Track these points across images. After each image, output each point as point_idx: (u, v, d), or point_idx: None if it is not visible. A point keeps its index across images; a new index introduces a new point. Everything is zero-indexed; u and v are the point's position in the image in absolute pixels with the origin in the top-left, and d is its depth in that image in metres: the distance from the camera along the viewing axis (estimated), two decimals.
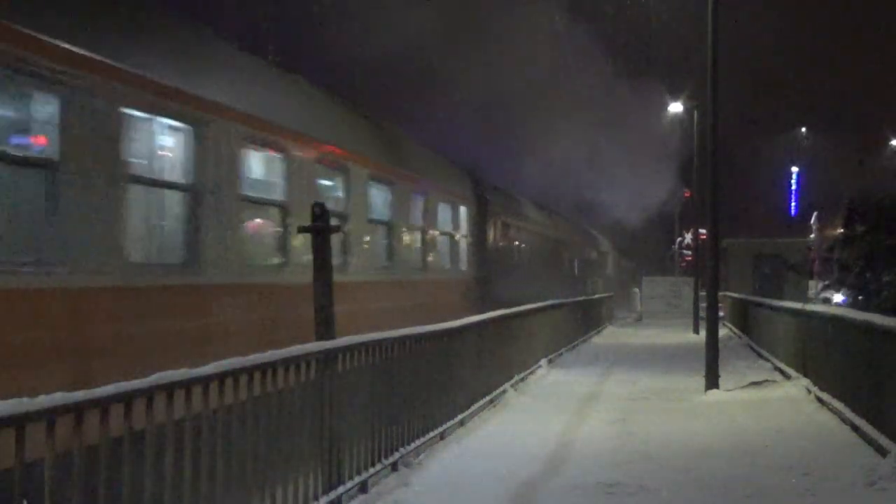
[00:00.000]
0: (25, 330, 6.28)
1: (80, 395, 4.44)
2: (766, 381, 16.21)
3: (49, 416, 4.19)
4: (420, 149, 17.87)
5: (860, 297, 15.43)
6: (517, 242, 25.49)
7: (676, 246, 60.45)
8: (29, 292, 6.33)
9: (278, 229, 10.27)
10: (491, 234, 21.12)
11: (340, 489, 7.51)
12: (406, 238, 14.89)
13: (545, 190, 51.29)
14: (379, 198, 13.78)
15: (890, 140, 58.82)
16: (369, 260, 12.94)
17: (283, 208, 10.22)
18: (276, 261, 10.25)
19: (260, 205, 10.14)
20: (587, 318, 28.40)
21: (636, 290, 42.84)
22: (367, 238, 12.89)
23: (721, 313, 23.84)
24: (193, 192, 8.44)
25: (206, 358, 5.93)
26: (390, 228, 14.11)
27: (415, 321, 10.56)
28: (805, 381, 14.42)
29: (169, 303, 7.97)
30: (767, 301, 21.82)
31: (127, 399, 4.75)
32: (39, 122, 6.84)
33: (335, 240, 9.24)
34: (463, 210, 18.72)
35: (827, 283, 18.62)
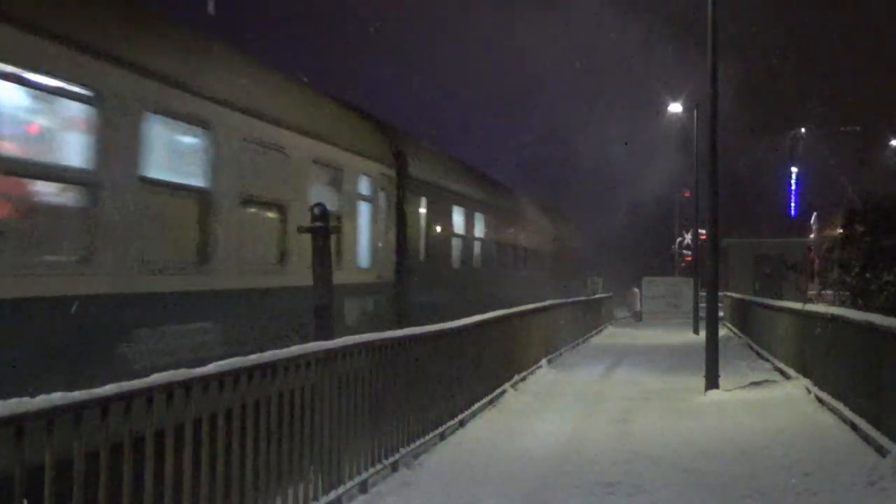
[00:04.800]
0: None
1: (80, 394, 4.44)
2: (766, 381, 16.22)
3: (49, 416, 4.19)
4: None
5: (858, 300, 15.43)
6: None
7: (676, 246, 60.44)
8: None
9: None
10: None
11: (340, 489, 7.51)
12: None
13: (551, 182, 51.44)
14: None
15: (890, 140, 58.82)
16: None
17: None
18: None
19: None
20: (587, 318, 28.41)
21: (635, 289, 42.80)
22: None
23: (721, 313, 23.86)
24: None
25: None
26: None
27: None
28: (805, 381, 14.42)
29: None
30: (767, 301, 21.82)
31: (127, 399, 4.76)
32: None
33: None
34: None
35: (827, 282, 18.62)
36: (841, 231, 17.84)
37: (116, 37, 7.74)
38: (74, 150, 7.16)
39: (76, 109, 7.15)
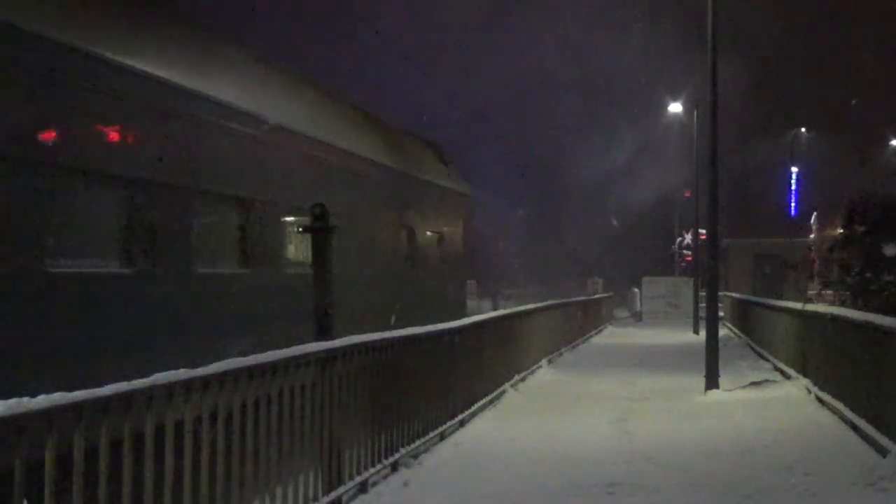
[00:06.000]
0: None
1: (80, 394, 4.44)
2: (766, 381, 16.21)
3: (49, 416, 4.19)
4: None
5: (859, 300, 15.45)
6: None
7: (676, 246, 60.41)
8: None
9: None
10: None
11: (340, 489, 7.51)
12: None
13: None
14: None
15: (890, 140, 58.82)
16: None
17: None
18: None
19: None
20: (587, 318, 28.41)
21: (635, 289, 42.81)
22: None
23: (721, 313, 23.87)
24: None
25: None
26: None
27: None
28: (805, 381, 14.42)
29: None
30: (767, 301, 21.82)
31: (127, 399, 4.76)
32: None
33: None
34: None
35: (827, 282, 18.64)
36: (841, 231, 17.86)
37: None
38: None
39: None
